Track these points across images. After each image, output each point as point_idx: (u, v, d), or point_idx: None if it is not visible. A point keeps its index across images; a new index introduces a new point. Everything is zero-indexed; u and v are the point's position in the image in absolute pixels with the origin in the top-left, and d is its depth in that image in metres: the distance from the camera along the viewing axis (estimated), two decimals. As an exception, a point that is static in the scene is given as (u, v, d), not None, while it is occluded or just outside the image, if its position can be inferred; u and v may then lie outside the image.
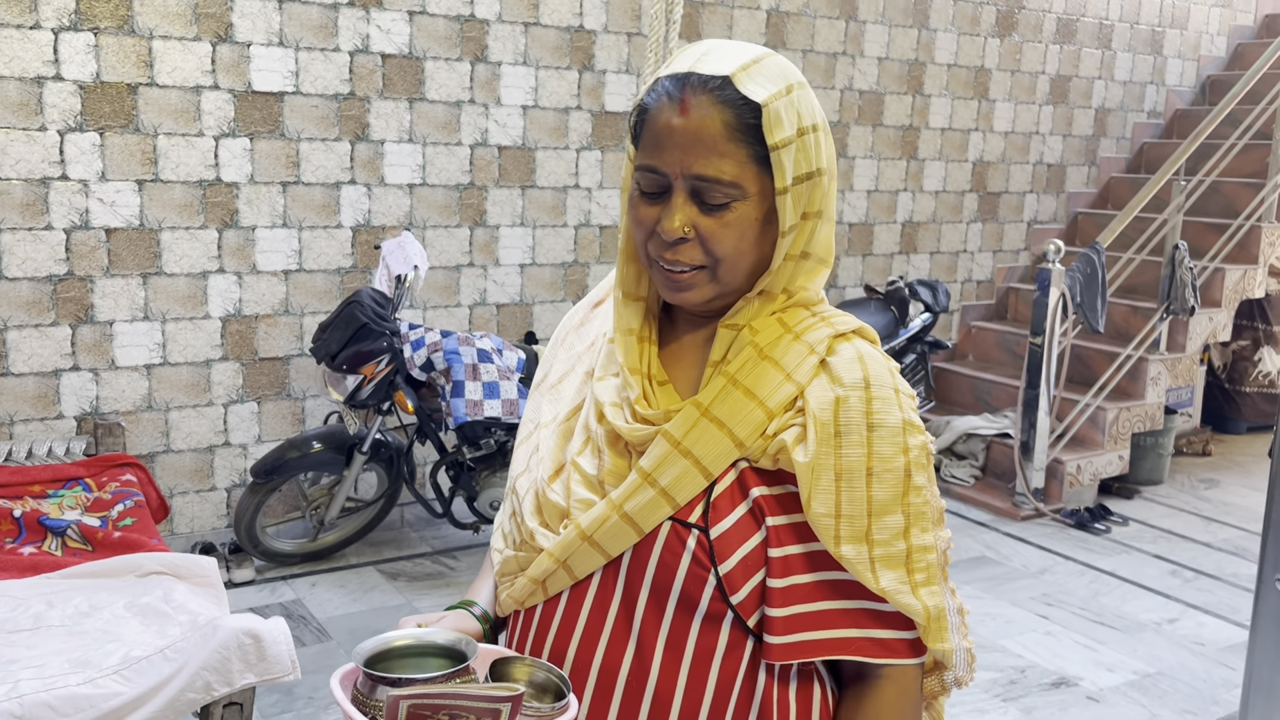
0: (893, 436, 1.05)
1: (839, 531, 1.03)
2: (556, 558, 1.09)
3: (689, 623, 1.06)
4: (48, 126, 3.56)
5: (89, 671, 2.11)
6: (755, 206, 1.05)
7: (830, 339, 1.09)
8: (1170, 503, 5.23)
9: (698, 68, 1.05)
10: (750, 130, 1.03)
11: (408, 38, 4.16)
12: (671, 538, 1.05)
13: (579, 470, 1.11)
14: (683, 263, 1.06)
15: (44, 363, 3.67)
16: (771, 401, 1.06)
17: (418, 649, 1.04)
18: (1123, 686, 3.36)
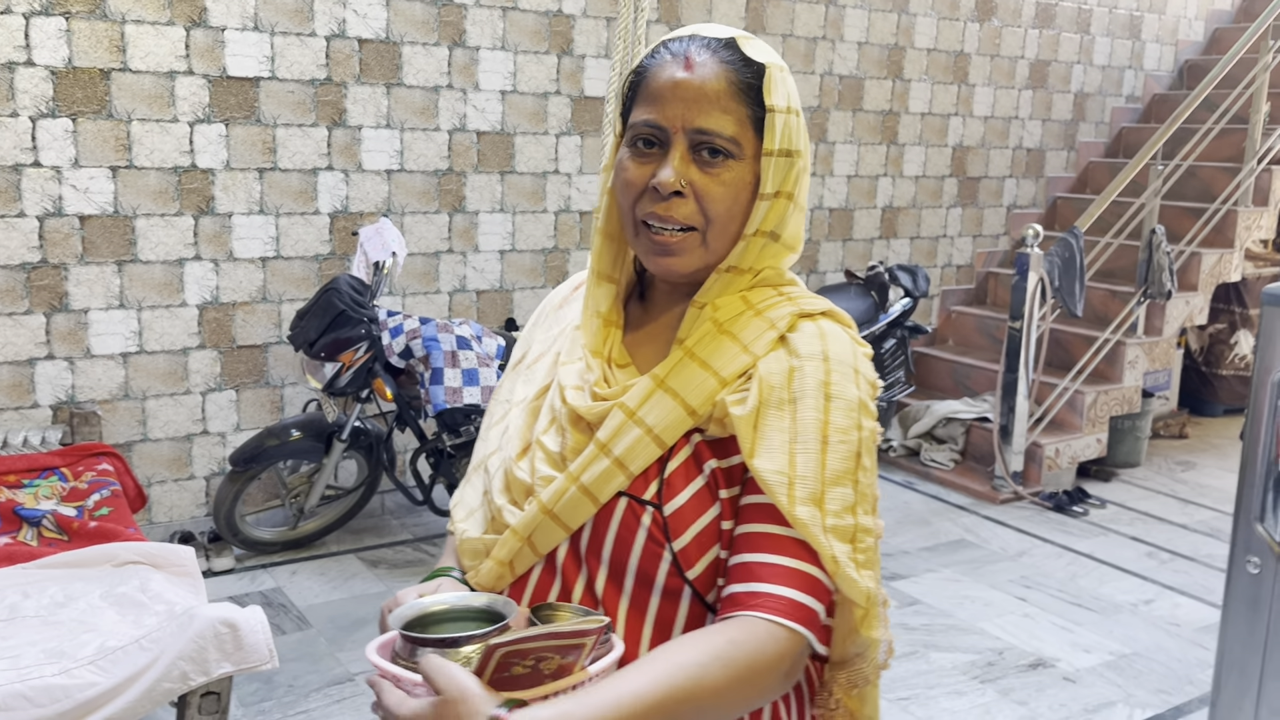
0: (849, 410, 1.05)
1: (792, 492, 1.01)
2: (521, 535, 1.10)
3: (648, 596, 1.06)
4: (19, 112, 3.52)
5: (64, 662, 2.10)
6: (748, 169, 1.08)
7: (794, 316, 1.10)
8: (1147, 485, 5.27)
9: (700, 33, 1.09)
10: (750, 91, 1.07)
11: (384, 22, 4.13)
12: (627, 515, 1.06)
13: (543, 448, 1.12)
14: (675, 219, 1.07)
15: (18, 351, 3.63)
16: (725, 371, 1.06)
17: (455, 613, 1.04)
18: (1099, 667, 3.39)
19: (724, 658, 0.96)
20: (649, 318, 1.18)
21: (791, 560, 1.01)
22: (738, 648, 0.97)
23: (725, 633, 0.98)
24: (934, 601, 3.82)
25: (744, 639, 0.97)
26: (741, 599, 1.00)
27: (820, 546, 1.01)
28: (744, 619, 0.99)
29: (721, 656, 0.96)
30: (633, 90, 1.11)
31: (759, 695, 0.99)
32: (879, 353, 5.07)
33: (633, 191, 1.09)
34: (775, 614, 0.99)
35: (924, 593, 3.89)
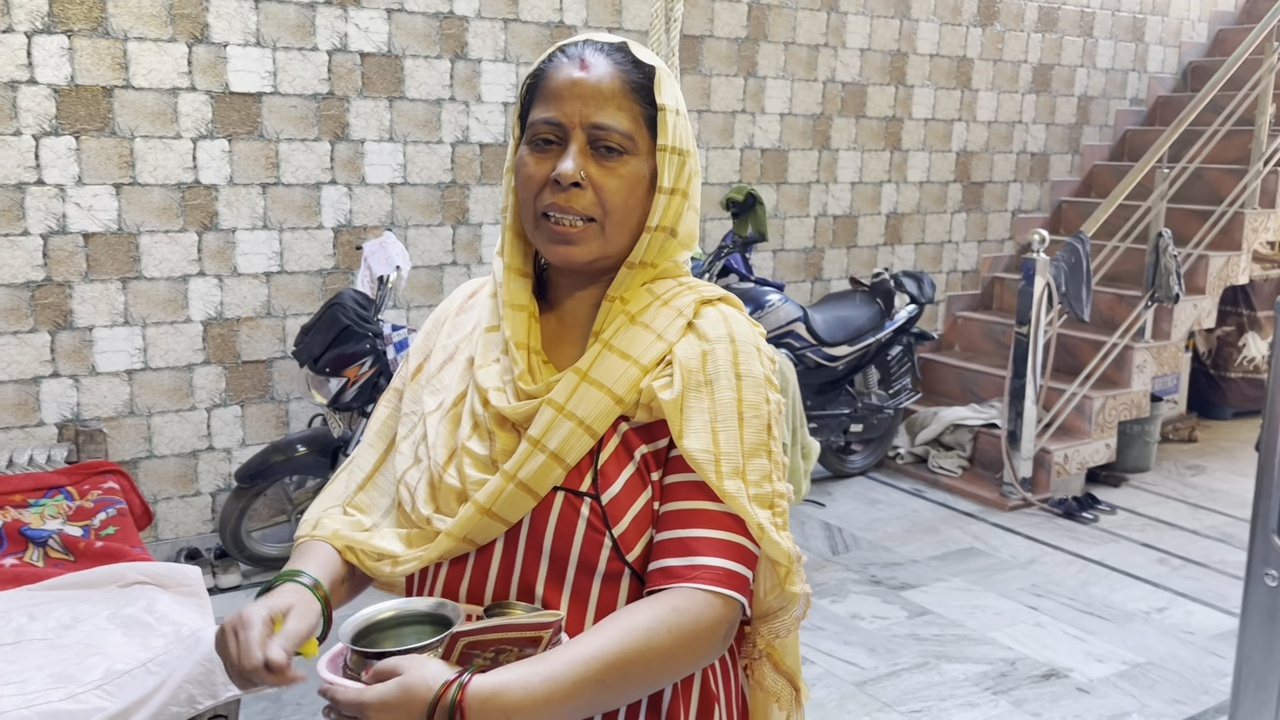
0: (758, 386, 1.15)
1: (720, 468, 1.10)
2: (457, 535, 1.13)
3: (589, 583, 1.12)
4: (22, 131, 3.52)
5: (71, 687, 2.08)
6: (643, 164, 1.15)
7: (697, 303, 1.18)
8: (1157, 490, 5.24)
9: (594, 39, 1.17)
10: (642, 91, 1.15)
11: (386, 36, 4.13)
12: (566, 508, 1.11)
13: (469, 454, 1.16)
14: (575, 210, 1.12)
15: (23, 370, 3.63)
16: (644, 359, 1.13)
17: (401, 619, 1.08)
18: (1112, 677, 3.36)
19: (669, 623, 1.05)
20: (554, 315, 1.23)
21: (723, 533, 1.10)
22: (681, 615, 1.06)
23: (669, 600, 1.06)
24: (944, 611, 3.80)
25: (686, 606, 1.06)
26: (680, 571, 1.08)
27: (748, 516, 1.10)
28: (685, 589, 1.07)
29: (667, 621, 1.05)
30: (530, 93, 1.17)
31: (701, 658, 1.09)
32: (885, 359, 5.05)
33: (534, 185, 1.14)
34: (714, 584, 1.08)
35: (934, 602, 3.87)
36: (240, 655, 1.01)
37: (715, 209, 5.14)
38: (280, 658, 1.01)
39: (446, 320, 1.30)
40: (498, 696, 0.98)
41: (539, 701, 0.99)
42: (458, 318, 1.29)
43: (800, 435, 3.87)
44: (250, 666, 1.00)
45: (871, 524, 4.66)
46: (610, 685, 1.03)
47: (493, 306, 1.24)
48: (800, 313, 4.57)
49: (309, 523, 1.24)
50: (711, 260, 4.44)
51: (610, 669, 1.02)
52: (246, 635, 1.02)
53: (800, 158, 5.42)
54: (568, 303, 1.22)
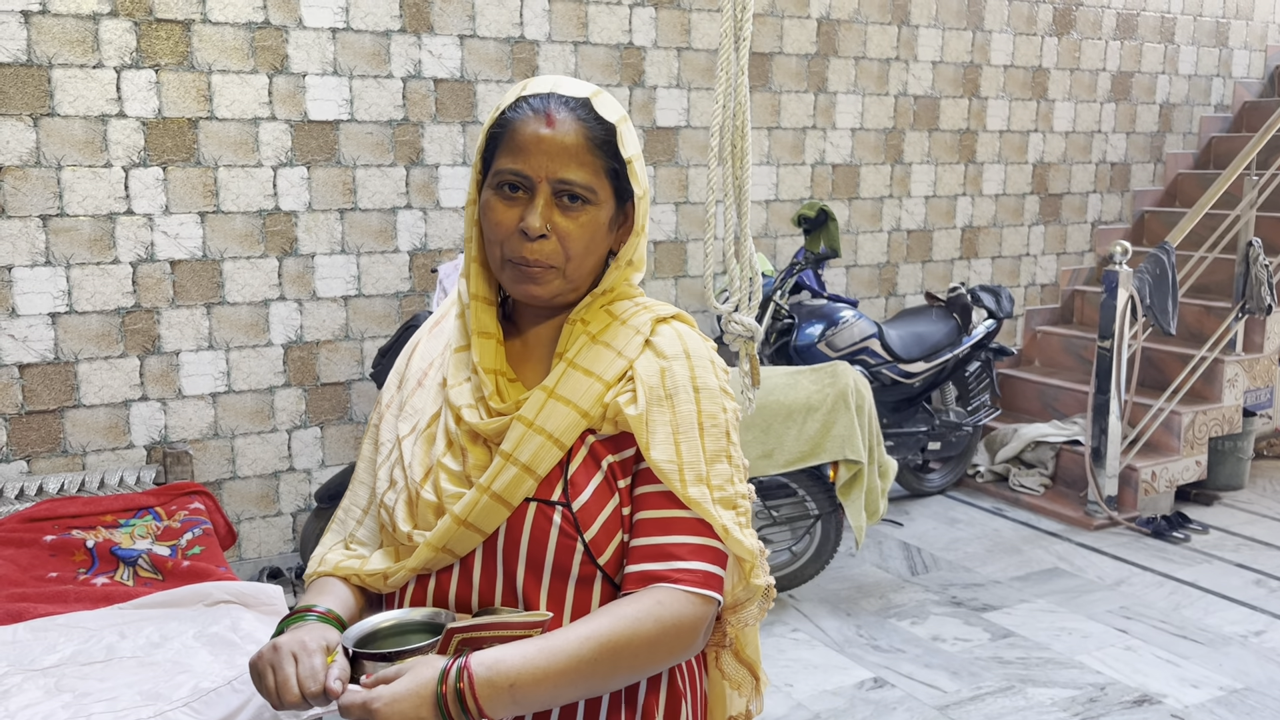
0: (714, 396, 1.23)
1: (684, 476, 1.19)
2: (436, 545, 1.20)
3: (564, 587, 1.20)
4: (113, 163, 3.64)
5: (160, 704, 2.13)
6: (603, 212, 1.23)
7: (653, 321, 1.27)
8: (1252, 508, 5.05)
9: (558, 90, 1.22)
10: (604, 146, 1.22)
11: (459, 61, 4.19)
12: (539, 517, 1.18)
13: (445, 470, 1.23)
14: (541, 260, 1.20)
15: (114, 394, 3.74)
16: (607, 375, 1.21)
17: (400, 627, 1.16)
18: (1209, 703, 3.23)
19: (654, 615, 1.14)
20: (520, 338, 1.31)
21: (696, 538, 1.19)
22: (665, 609, 1.14)
23: (653, 595, 1.15)
24: (1029, 634, 3.69)
25: (670, 602, 1.15)
26: (660, 575, 1.17)
27: (712, 519, 1.19)
28: (667, 589, 1.16)
29: (653, 614, 1.14)
30: (493, 139, 1.23)
31: (682, 651, 1.17)
32: (963, 375, 4.96)
33: (501, 231, 1.21)
34: (694, 585, 1.17)
35: (1018, 624, 3.77)
36: (304, 680, 1.08)
37: (787, 225, 5.11)
38: (339, 688, 1.08)
39: (416, 350, 1.38)
40: (500, 664, 1.07)
41: (539, 671, 1.08)
42: (427, 344, 1.37)
43: (877, 454, 3.81)
44: (313, 692, 1.08)
45: (951, 544, 4.56)
46: (601, 665, 1.11)
47: (459, 327, 1.31)
48: (875, 329, 4.51)
49: (316, 560, 1.33)
50: (783, 277, 4.41)
51: (602, 649, 1.11)
52: (311, 662, 1.10)
53: (872, 172, 5.37)
54: (531, 327, 1.30)
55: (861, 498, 3.74)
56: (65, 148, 3.56)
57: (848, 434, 3.67)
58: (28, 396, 3.61)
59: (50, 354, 3.63)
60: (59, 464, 3.68)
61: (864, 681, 3.36)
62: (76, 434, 3.70)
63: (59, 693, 2.21)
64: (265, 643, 1.14)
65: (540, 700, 1.10)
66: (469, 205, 1.29)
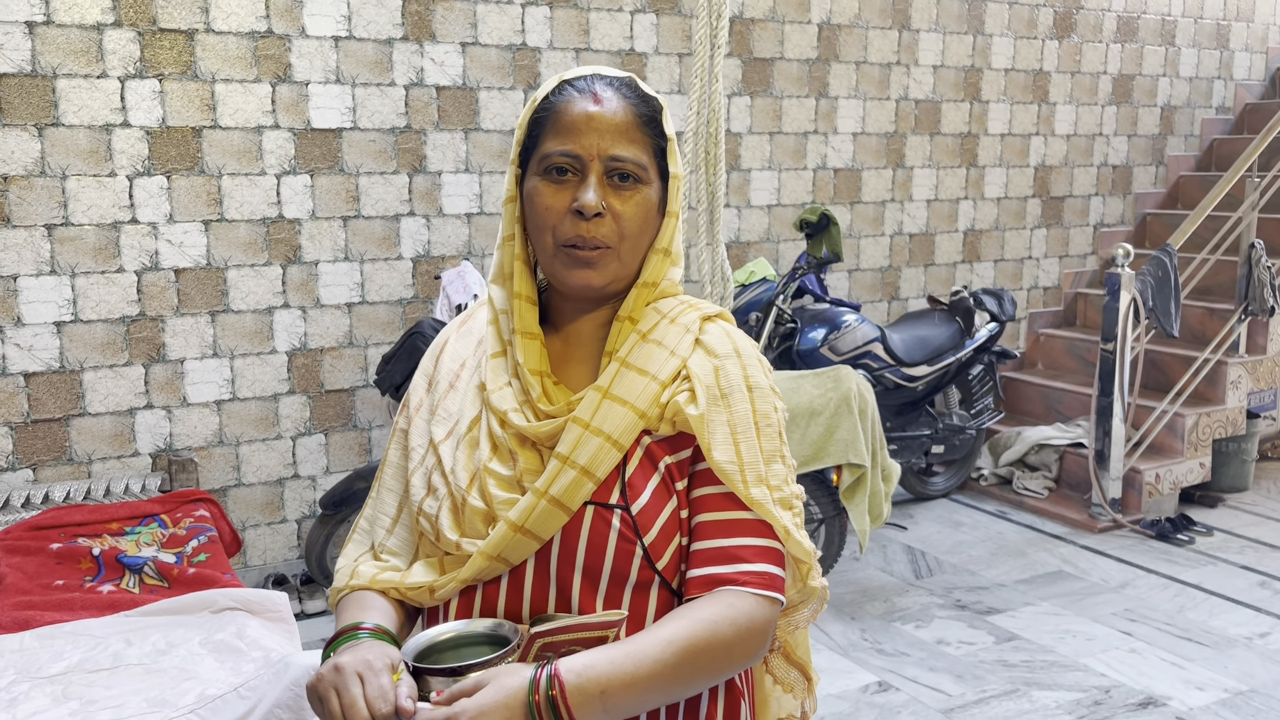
0: (766, 396, 1.21)
1: (745, 476, 1.16)
2: (490, 555, 1.15)
3: (621, 593, 1.16)
4: (117, 172, 3.66)
5: (166, 711, 2.13)
6: (653, 191, 1.20)
7: (701, 320, 1.23)
8: (1257, 510, 5.05)
9: (601, 73, 1.21)
10: (650, 124, 1.20)
11: (461, 69, 4.21)
12: (597, 521, 1.14)
13: (493, 475, 1.18)
14: (597, 239, 1.16)
15: (119, 402, 3.76)
16: (662, 375, 1.18)
17: (462, 639, 1.11)
18: (1214, 706, 3.23)
19: (729, 617, 1.11)
20: (559, 337, 1.26)
21: (759, 540, 1.16)
22: (738, 611, 1.12)
23: (725, 598, 1.13)
24: (1033, 636, 3.69)
25: (742, 605, 1.13)
26: (726, 577, 1.14)
27: (775, 520, 1.17)
28: (736, 591, 1.14)
29: (728, 616, 1.11)
30: (536, 126, 1.20)
31: (754, 654, 1.15)
32: (966, 379, 4.96)
33: (553, 215, 1.17)
34: (761, 588, 1.14)
35: (1022, 627, 3.77)
36: (373, 701, 1.02)
37: (789, 230, 5.12)
38: (411, 707, 1.01)
39: (444, 351, 1.32)
40: (590, 670, 1.04)
41: (627, 676, 1.05)
42: (455, 343, 1.32)
43: (880, 457, 3.82)
44: (384, 713, 1.01)
45: (955, 547, 4.56)
46: (683, 670, 1.08)
47: (493, 333, 1.26)
48: (877, 333, 4.52)
49: (345, 573, 1.26)
50: (786, 281, 4.42)
51: (684, 654, 1.08)
52: (378, 682, 1.03)
53: (874, 177, 5.37)
54: (572, 326, 1.26)
55: (865, 501, 3.74)
56: (70, 157, 3.58)
57: (851, 438, 3.68)
58: (33, 405, 3.63)
59: (55, 363, 3.64)
60: (65, 472, 3.69)
61: (868, 685, 3.36)
62: (82, 442, 3.71)
63: (66, 700, 2.21)
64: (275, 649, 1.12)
65: (629, 707, 1.06)
66: (508, 203, 1.24)
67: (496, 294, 1.26)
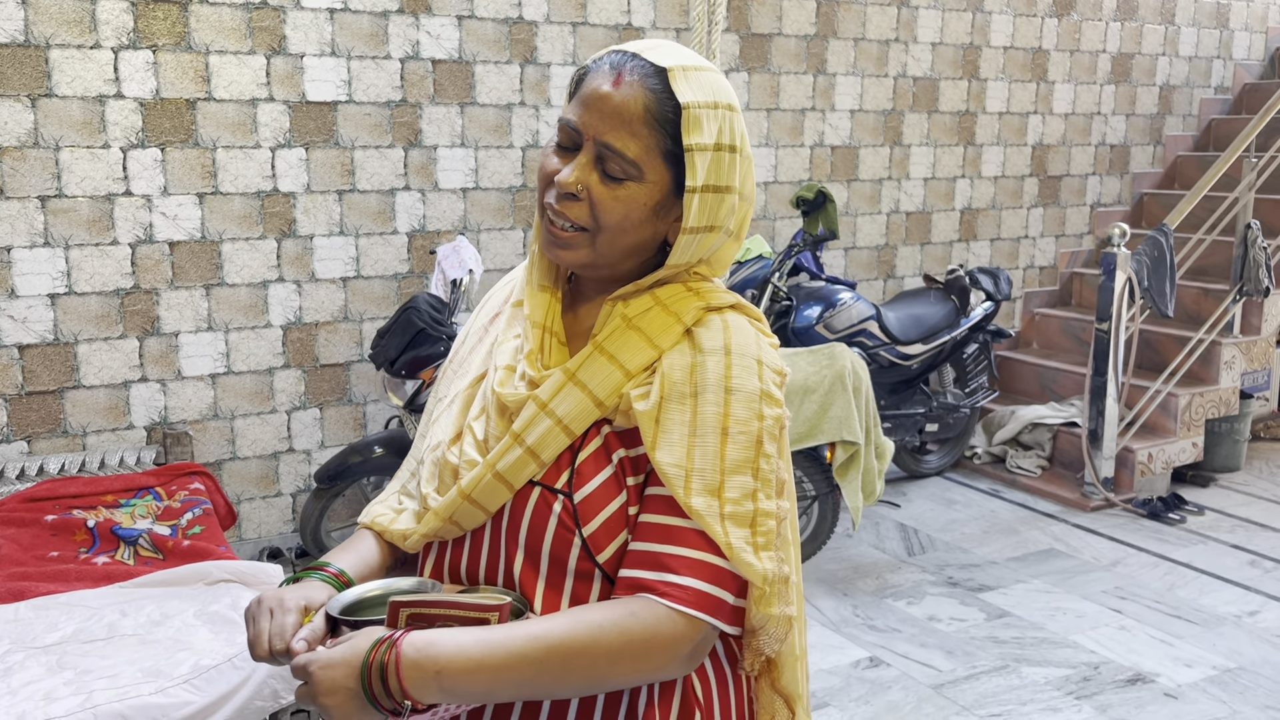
0: (749, 401, 1.12)
1: (689, 484, 1.09)
2: (442, 515, 1.18)
3: (562, 578, 1.14)
4: (111, 144, 3.64)
5: (161, 681, 2.15)
6: (648, 192, 1.13)
7: (700, 311, 1.16)
8: (1248, 490, 5.07)
9: (643, 54, 1.14)
10: (667, 123, 1.12)
11: (457, 42, 4.18)
12: (540, 503, 1.13)
13: (472, 433, 1.19)
14: (568, 218, 1.13)
15: (114, 375, 3.75)
16: (631, 365, 1.13)
17: (386, 596, 1.13)
18: (1202, 683, 3.26)
19: (621, 625, 1.05)
20: (571, 311, 1.25)
21: (698, 552, 1.09)
22: (637, 620, 1.06)
23: (629, 605, 1.07)
24: (1024, 614, 3.72)
25: (646, 616, 1.06)
26: (649, 585, 1.08)
27: (715, 534, 1.08)
28: (649, 600, 1.07)
29: (619, 624, 1.05)
30: (576, 87, 1.18)
31: (653, 670, 1.08)
32: (961, 357, 4.97)
33: (544, 179, 1.17)
34: (679, 603, 1.07)
35: (1014, 604, 3.79)
36: (273, 637, 1.10)
37: (785, 207, 5.11)
38: (302, 647, 1.08)
39: (485, 305, 1.34)
40: (431, 648, 1.03)
41: (471, 661, 1.03)
42: (493, 299, 1.34)
43: (874, 435, 3.83)
44: (278, 649, 1.09)
45: (948, 525, 4.59)
46: (549, 670, 1.05)
47: (521, 283, 1.27)
48: (872, 311, 4.52)
49: (366, 510, 1.32)
50: (781, 259, 4.41)
51: (551, 652, 1.04)
52: (283, 620, 1.10)
53: (871, 154, 5.36)
54: (583, 301, 1.24)
55: (858, 479, 3.76)
56: (63, 128, 3.56)
57: (845, 415, 3.69)
58: (28, 377, 3.62)
59: (50, 335, 3.64)
60: (59, 444, 3.69)
61: (860, 661, 3.38)
62: (76, 415, 3.71)
63: (61, 670, 2.23)
64: None
65: (473, 692, 1.04)
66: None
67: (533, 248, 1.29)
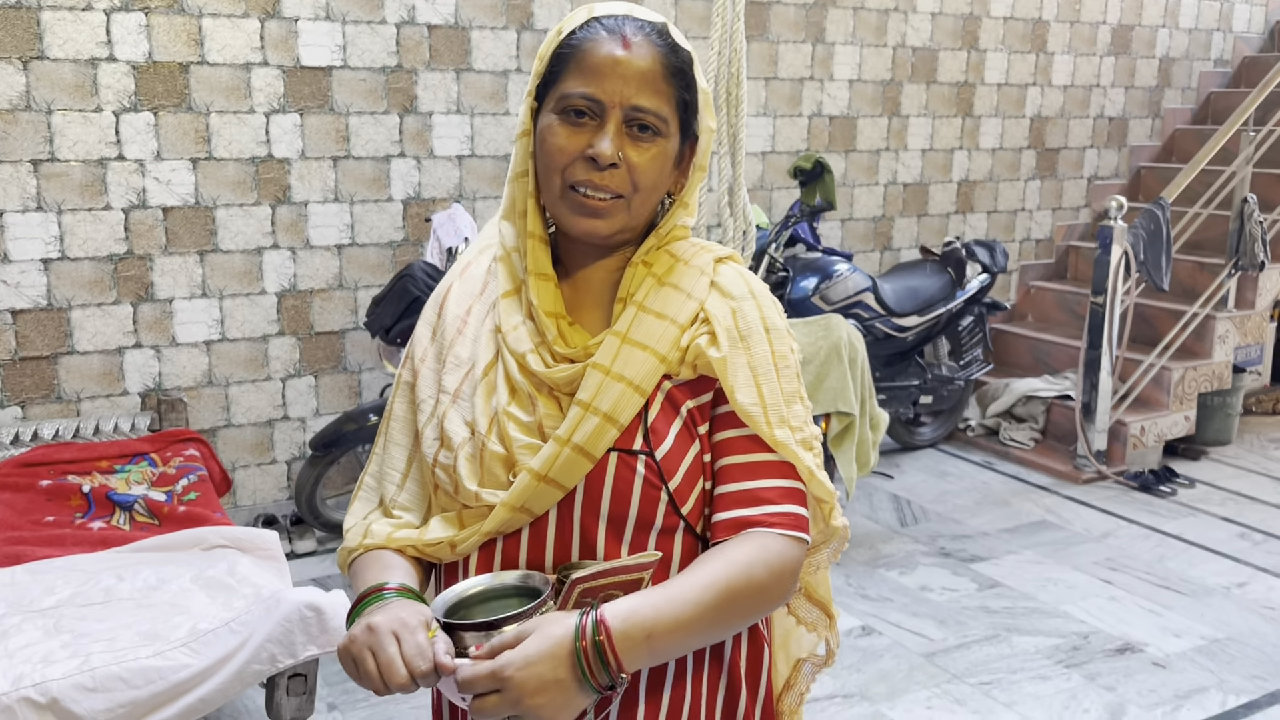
0: (783, 337, 1.20)
1: (769, 418, 1.15)
2: (513, 506, 1.13)
3: (646, 539, 1.15)
4: (103, 108, 3.61)
5: (158, 644, 2.16)
6: (671, 145, 1.17)
7: (714, 261, 1.22)
8: (1239, 463, 5.10)
9: (632, 14, 1.16)
10: (678, 75, 1.16)
11: (453, 7, 4.14)
12: (621, 467, 1.13)
13: (514, 419, 1.16)
14: (610, 188, 1.13)
15: (108, 340, 3.74)
16: (680, 318, 1.16)
17: (492, 593, 1.09)
18: (1190, 652, 3.29)
19: (763, 560, 1.11)
20: (569, 282, 1.24)
21: (784, 481, 1.16)
22: (770, 552, 1.12)
23: (757, 540, 1.12)
24: (1015, 584, 3.75)
25: (773, 546, 1.13)
26: (754, 520, 1.14)
27: (799, 461, 1.16)
28: (766, 534, 1.13)
29: (762, 559, 1.11)
30: (559, 61, 1.15)
31: (784, 595, 1.15)
32: (956, 330, 4.97)
33: (564, 158, 1.14)
34: (788, 529, 1.14)
35: (1005, 575, 3.82)
36: (411, 660, 0.99)
37: (783, 178, 5.09)
38: (449, 662, 0.99)
39: (447, 297, 1.26)
40: (635, 615, 1.03)
41: (670, 620, 1.04)
42: (459, 288, 1.26)
43: (869, 406, 3.84)
44: (423, 671, 0.99)
45: (941, 496, 4.61)
46: (722, 612, 1.08)
47: (504, 270, 1.22)
48: (869, 283, 4.52)
49: (358, 532, 1.21)
50: (778, 229, 4.40)
51: (722, 596, 1.08)
52: (415, 640, 1.00)
53: (869, 125, 5.34)
54: (582, 272, 1.23)
55: (853, 450, 3.77)
56: (55, 91, 3.53)
57: (840, 386, 3.69)
58: (21, 343, 3.61)
59: (43, 300, 3.62)
60: (53, 410, 3.69)
61: (852, 629, 3.41)
62: (70, 380, 3.70)
63: (58, 633, 2.23)
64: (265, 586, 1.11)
65: (672, 649, 1.07)
66: (521, 137, 1.20)
67: (507, 230, 1.23)
